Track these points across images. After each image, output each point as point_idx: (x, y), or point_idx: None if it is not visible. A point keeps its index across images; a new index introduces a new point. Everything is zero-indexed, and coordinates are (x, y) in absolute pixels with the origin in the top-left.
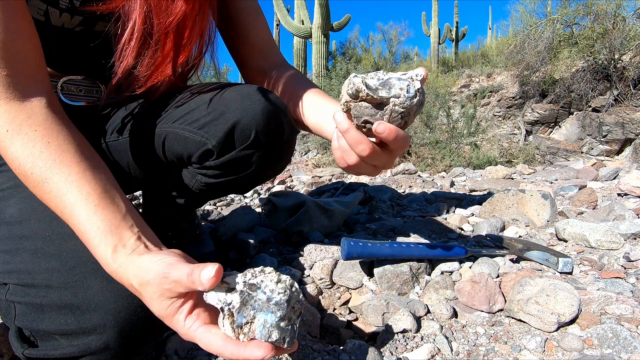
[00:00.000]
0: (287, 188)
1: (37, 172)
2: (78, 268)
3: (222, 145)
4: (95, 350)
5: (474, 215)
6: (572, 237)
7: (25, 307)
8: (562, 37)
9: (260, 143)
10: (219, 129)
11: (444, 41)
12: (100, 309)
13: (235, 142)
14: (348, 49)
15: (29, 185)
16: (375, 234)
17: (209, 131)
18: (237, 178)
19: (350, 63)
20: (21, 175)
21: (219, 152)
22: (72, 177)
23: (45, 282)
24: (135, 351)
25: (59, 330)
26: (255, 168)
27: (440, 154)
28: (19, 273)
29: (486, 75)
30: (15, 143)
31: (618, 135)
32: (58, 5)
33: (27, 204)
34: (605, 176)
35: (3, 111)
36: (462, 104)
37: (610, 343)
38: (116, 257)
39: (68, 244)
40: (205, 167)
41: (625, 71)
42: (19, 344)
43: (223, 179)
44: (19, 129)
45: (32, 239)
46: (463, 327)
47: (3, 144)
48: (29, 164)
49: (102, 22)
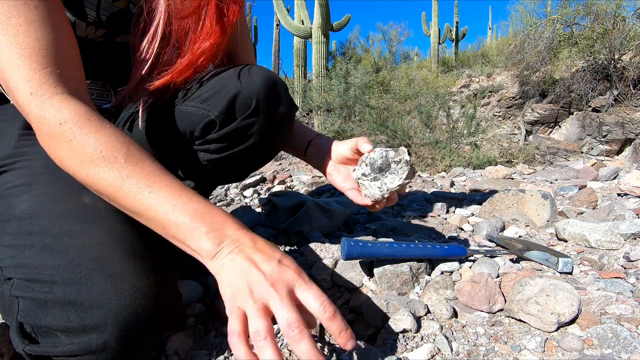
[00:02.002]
0: (287, 188)
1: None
2: (83, 265)
3: (224, 115)
4: (96, 348)
5: (474, 215)
6: (572, 237)
7: (29, 303)
8: (562, 37)
9: (261, 112)
10: (221, 100)
11: (444, 41)
12: (102, 307)
13: (237, 113)
14: (348, 49)
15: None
16: (375, 234)
17: (211, 104)
18: (239, 151)
19: (350, 63)
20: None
21: (222, 122)
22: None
23: (50, 278)
24: (135, 351)
25: (60, 326)
26: (255, 140)
27: (440, 154)
28: (25, 268)
29: (486, 75)
30: (90, 136)
31: (618, 135)
32: (86, 18)
33: (38, 202)
34: (605, 176)
35: (53, 103)
36: (462, 104)
37: (610, 343)
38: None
39: (75, 241)
40: (207, 140)
41: (625, 71)
42: (20, 340)
43: (226, 153)
44: (88, 121)
45: (41, 235)
46: (463, 327)
47: (66, 136)
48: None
49: (124, 34)
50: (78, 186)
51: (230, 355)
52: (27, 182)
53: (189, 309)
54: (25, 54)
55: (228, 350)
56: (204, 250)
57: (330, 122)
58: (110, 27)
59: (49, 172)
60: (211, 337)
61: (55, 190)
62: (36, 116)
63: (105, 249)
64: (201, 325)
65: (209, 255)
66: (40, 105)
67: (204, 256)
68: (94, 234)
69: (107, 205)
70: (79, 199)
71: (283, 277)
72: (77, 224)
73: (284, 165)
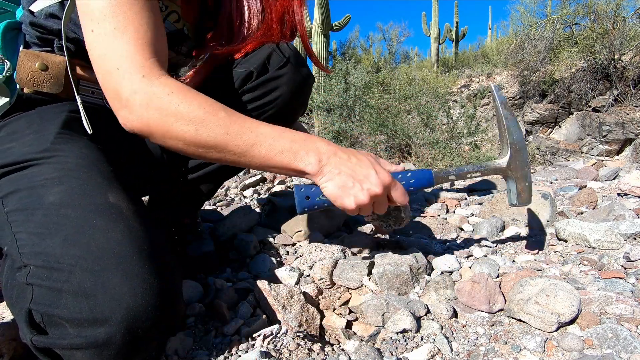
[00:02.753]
0: (287, 188)
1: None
2: (104, 259)
3: (260, 68)
4: (102, 343)
5: (474, 215)
6: (572, 237)
7: (45, 291)
8: (562, 37)
9: (291, 65)
10: (258, 58)
11: (444, 41)
12: (114, 301)
13: (270, 66)
14: (348, 49)
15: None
16: (375, 233)
17: (250, 62)
18: (268, 102)
19: (350, 63)
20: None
21: (258, 73)
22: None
23: (69, 268)
24: (139, 350)
25: (71, 317)
26: (282, 92)
27: (440, 154)
28: (46, 255)
29: (486, 75)
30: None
31: (618, 135)
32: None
33: (67, 195)
34: (605, 176)
35: (161, 82)
36: (462, 104)
37: (610, 343)
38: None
39: (98, 235)
40: (243, 91)
41: (625, 71)
42: (28, 330)
43: (256, 104)
44: (189, 90)
45: (66, 226)
46: (463, 327)
47: (172, 103)
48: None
49: (171, 52)
50: (106, 185)
51: (230, 355)
52: (59, 176)
53: (189, 309)
54: (139, 46)
55: (228, 350)
56: (310, 166)
57: (330, 122)
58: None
59: (80, 170)
60: (211, 337)
61: (84, 187)
62: (147, 92)
63: (124, 247)
64: (201, 325)
65: (314, 171)
66: (150, 84)
67: (310, 172)
68: (116, 231)
69: (129, 206)
70: (105, 197)
71: (382, 182)
72: (102, 220)
73: None
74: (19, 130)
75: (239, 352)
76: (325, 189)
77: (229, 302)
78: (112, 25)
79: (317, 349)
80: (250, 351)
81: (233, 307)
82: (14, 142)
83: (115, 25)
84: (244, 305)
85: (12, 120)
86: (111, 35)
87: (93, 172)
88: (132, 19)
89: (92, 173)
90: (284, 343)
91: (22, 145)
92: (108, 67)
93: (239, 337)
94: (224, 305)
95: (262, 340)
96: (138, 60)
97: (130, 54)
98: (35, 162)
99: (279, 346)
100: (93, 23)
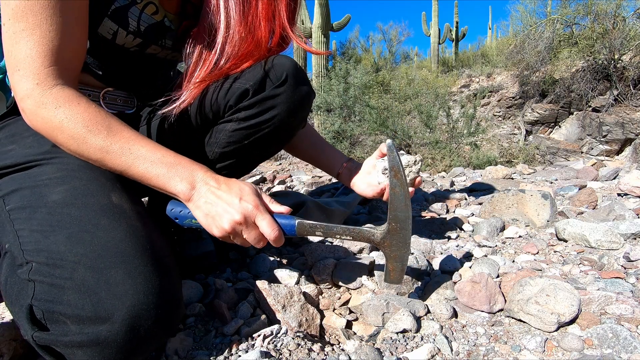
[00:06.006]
0: (287, 188)
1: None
2: (106, 257)
3: (258, 86)
4: (103, 341)
5: (474, 215)
6: (572, 237)
7: (47, 287)
8: (562, 37)
9: (289, 84)
10: (256, 74)
11: (444, 41)
12: (117, 299)
13: (267, 84)
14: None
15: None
16: None
17: (247, 77)
18: (264, 121)
19: (350, 63)
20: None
21: (254, 91)
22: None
23: (72, 265)
24: (139, 349)
25: (73, 314)
26: (279, 111)
27: (440, 154)
28: (49, 252)
29: (486, 75)
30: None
31: (618, 135)
32: (127, 27)
33: (71, 194)
34: (605, 176)
35: (53, 92)
36: (462, 104)
37: (610, 343)
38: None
39: (101, 234)
40: (239, 109)
41: (625, 71)
42: (29, 326)
43: (252, 122)
44: (77, 104)
45: (69, 224)
46: (463, 327)
47: (56, 116)
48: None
49: (155, 46)
50: (108, 186)
51: (230, 355)
52: (62, 176)
53: (189, 309)
54: (40, 52)
55: (228, 350)
56: (181, 193)
57: (330, 122)
58: (146, 37)
59: (82, 170)
60: (211, 337)
61: (87, 187)
62: (37, 101)
63: (127, 245)
64: (201, 325)
65: (185, 198)
66: (42, 93)
67: (182, 198)
68: (119, 230)
69: (131, 206)
70: (108, 197)
71: (243, 210)
72: (105, 219)
73: (284, 165)
74: (18, 132)
75: (239, 352)
76: (195, 215)
77: (229, 302)
78: (21, 26)
79: (317, 349)
80: (250, 351)
81: (233, 307)
82: (15, 144)
83: (24, 26)
84: (244, 305)
85: (9, 123)
86: (18, 35)
87: (95, 172)
88: (42, 23)
89: (95, 174)
90: (284, 343)
91: (23, 147)
92: (11, 65)
93: (239, 337)
94: (224, 305)
95: (262, 340)
96: (36, 66)
97: (30, 59)
98: (38, 162)
99: (279, 346)
100: (6, 18)
